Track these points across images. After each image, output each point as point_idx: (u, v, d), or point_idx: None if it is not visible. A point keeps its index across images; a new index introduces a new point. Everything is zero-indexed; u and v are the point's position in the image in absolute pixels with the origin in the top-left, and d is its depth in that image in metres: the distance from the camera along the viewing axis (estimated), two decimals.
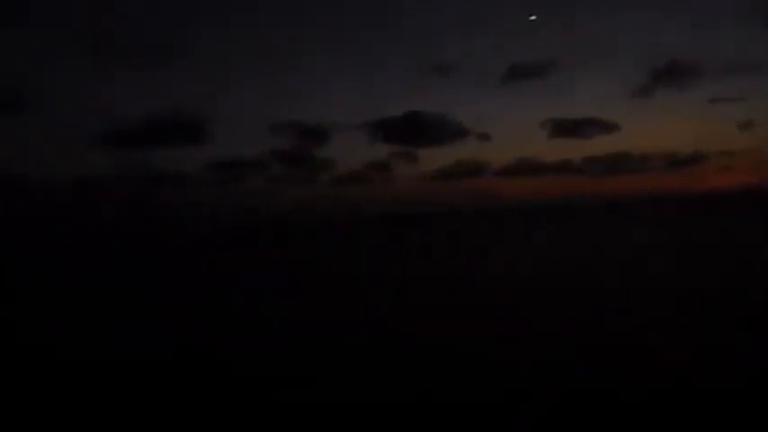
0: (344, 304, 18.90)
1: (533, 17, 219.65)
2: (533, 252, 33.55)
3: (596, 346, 11.31)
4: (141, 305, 20.76)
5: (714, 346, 10.68)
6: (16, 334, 16.28)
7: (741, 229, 42.70)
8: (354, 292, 21.32)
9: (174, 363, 11.98)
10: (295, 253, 50.41)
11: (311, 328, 14.88)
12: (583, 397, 8.51)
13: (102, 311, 19.54)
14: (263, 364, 11.65)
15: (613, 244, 36.32)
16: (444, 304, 17.39)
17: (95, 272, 37.49)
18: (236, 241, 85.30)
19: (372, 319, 15.87)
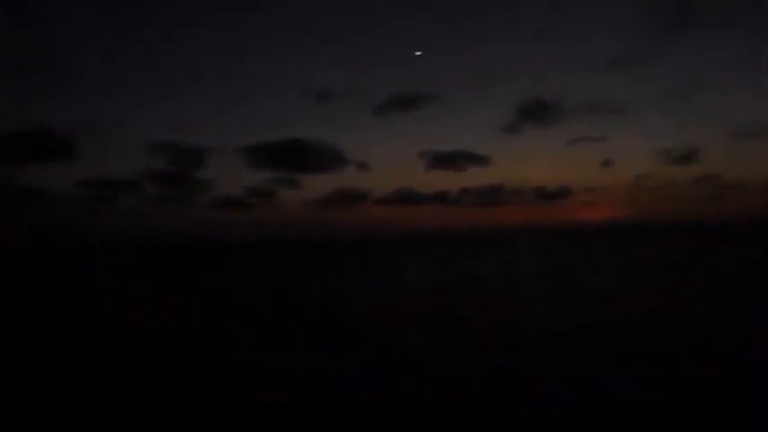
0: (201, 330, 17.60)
1: (419, 53, 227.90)
2: (397, 280, 32.51)
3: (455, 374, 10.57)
4: None
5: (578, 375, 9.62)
6: None
7: (605, 261, 44.90)
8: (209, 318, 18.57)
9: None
10: (162, 276, 47.28)
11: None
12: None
13: None
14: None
15: (484, 273, 36.34)
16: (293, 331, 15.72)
17: None
18: (105, 262, 77.99)
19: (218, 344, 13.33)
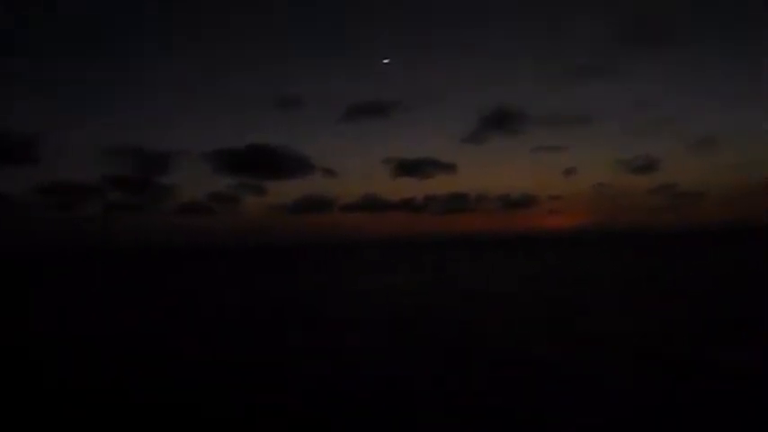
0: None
1: (387, 60, 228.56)
2: (355, 285, 32.50)
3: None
4: None
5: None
6: None
7: (568, 268, 45.76)
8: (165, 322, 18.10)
9: None
10: (124, 281, 46.06)
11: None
12: None
13: None
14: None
15: (445, 279, 36.62)
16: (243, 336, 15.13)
17: None
18: (65, 268, 75.31)
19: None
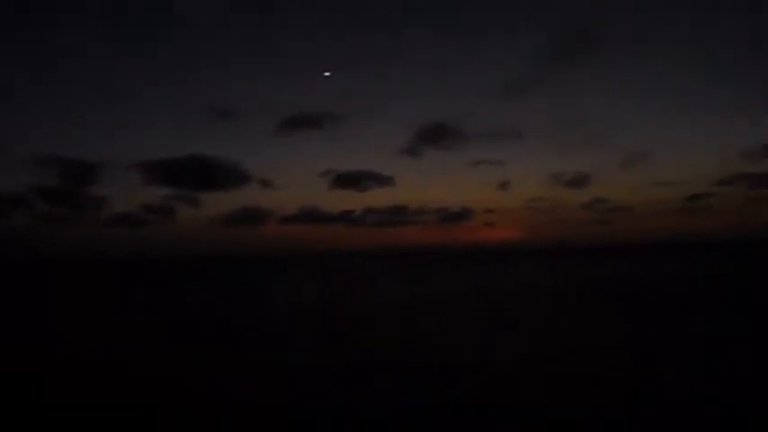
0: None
1: (328, 73, 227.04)
2: (280, 299, 31.39)
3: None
4: None
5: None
6: None
7: (505, 279, 46.80)
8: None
9: None
10: (48, 294, 43.41)
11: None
12: None
13: None
14: None
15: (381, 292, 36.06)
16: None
17: None
18: None
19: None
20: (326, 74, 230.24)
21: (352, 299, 32.89)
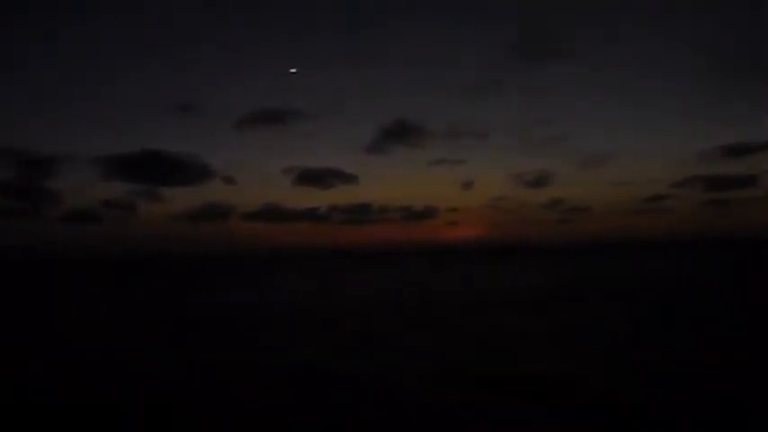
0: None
1: (294, 70, 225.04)
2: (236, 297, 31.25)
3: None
4: None
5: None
6: None
7: (468, 278, 46.68)
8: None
9: None
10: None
11: None
12: None
13: None
14: None
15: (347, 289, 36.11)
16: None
17: None
18: None
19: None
20: (292, 70, 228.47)
21: (315, 297, 32.66)
